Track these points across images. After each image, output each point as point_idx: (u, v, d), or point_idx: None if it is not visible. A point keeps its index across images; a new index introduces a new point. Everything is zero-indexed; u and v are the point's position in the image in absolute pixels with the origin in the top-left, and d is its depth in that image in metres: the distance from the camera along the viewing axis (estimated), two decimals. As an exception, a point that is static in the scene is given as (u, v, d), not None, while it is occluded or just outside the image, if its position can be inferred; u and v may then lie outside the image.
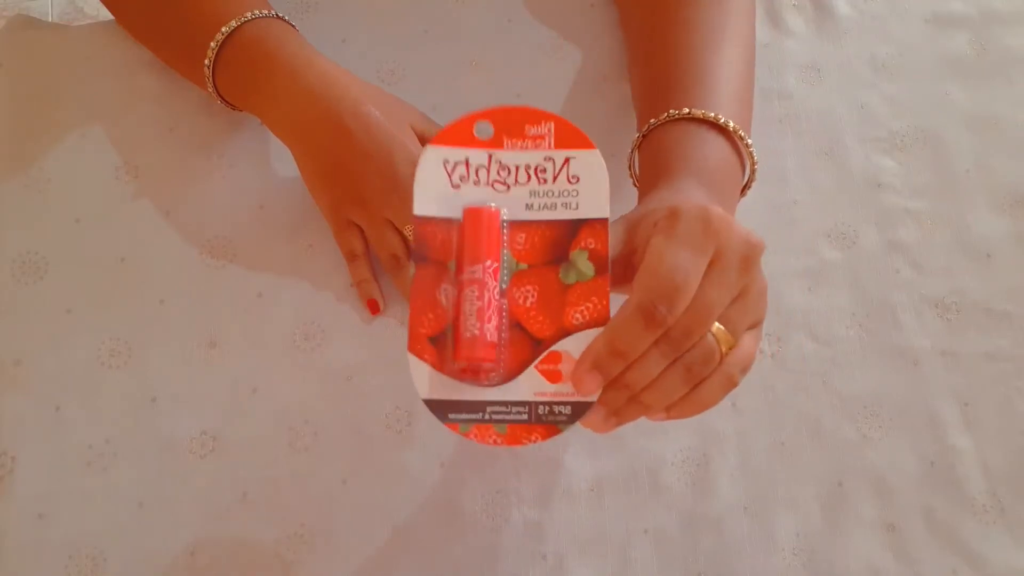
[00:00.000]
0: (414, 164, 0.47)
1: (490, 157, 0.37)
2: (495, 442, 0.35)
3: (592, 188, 0.37)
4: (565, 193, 0.37)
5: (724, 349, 0.35)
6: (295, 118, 0.48)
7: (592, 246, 0.36)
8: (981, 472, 0.49)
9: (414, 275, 0.35)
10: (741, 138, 0.44)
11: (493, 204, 0.37)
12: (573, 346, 0.36)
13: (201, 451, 0.47)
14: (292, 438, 0.47)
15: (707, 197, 0.41)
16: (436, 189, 0.36)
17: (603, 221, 0.36)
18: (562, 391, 0.35)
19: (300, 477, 0.46)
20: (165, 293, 0.50)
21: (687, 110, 0.44)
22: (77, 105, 0.54)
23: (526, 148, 0.37)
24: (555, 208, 0.37)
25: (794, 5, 0.61)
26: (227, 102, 0.50)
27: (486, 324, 0.35)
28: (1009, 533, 0.48)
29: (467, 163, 0.37)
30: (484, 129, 0.37)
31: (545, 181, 0.37)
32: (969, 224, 0.55)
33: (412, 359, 0.35)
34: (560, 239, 0.37)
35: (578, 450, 0.48)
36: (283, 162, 0.53)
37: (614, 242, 0.37)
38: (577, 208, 0.37)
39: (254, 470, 0.46)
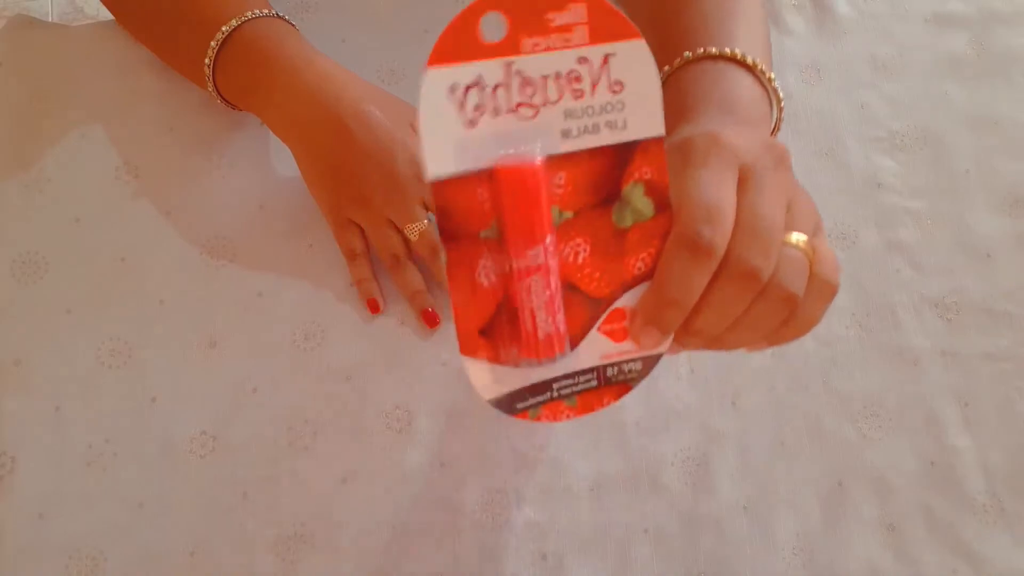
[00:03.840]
0: (414, 164, 0.47)
1: (508, 68, 0.29)
2: (567, 416, 0.32)
3: (641, 97, 0.30)
4: (609, 108, 0.30)
5: (811, 255, 0.31)
6: (295, 117, 0.48)
7: (648, 176, 0.30)
8: (981, 472, 0.49)
9: (446, 260, 0.30)
10: (763, 73, 0.40)
11: (529, 151, 0.29)
12: (638, 299, 0.31)
13: (201, 451, 0.47)
14: (292, 438, 0.47)
15: (736, 128, 0.35)
16: (448, 133, 0.29)
17: (658, 141, 0.30)
18: (630, 347, 0.32)
19: (300, 477, 0.46)
20: (165, 293, 0.50)
21: (701, 50, 0.40)
22: (77, 105, 0.54)
23: (553, 47, 0.29)
24: (598, 131, 0.30)
25: (794, 5, 0.61)
26: (227, 102, 0.51)
27: (558, 315, 0.30)
28: (1009, 533, 0.48)
29: (479, 83, 0.29)
30: (494, 26, 0.29)
31: (582, 94, 0.29)
32: (969, 224, 0.55)
33: (466, 360, 0.30)
34: (608, 172, 0.30)
35: (578, 450, 0.48)
36: (283, 162, 0.53)
37: None
38: (625, 127, 0.30)
39: (254, 470, 0.46)
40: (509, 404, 0.31)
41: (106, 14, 0.55)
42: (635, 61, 0.29)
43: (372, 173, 0.47)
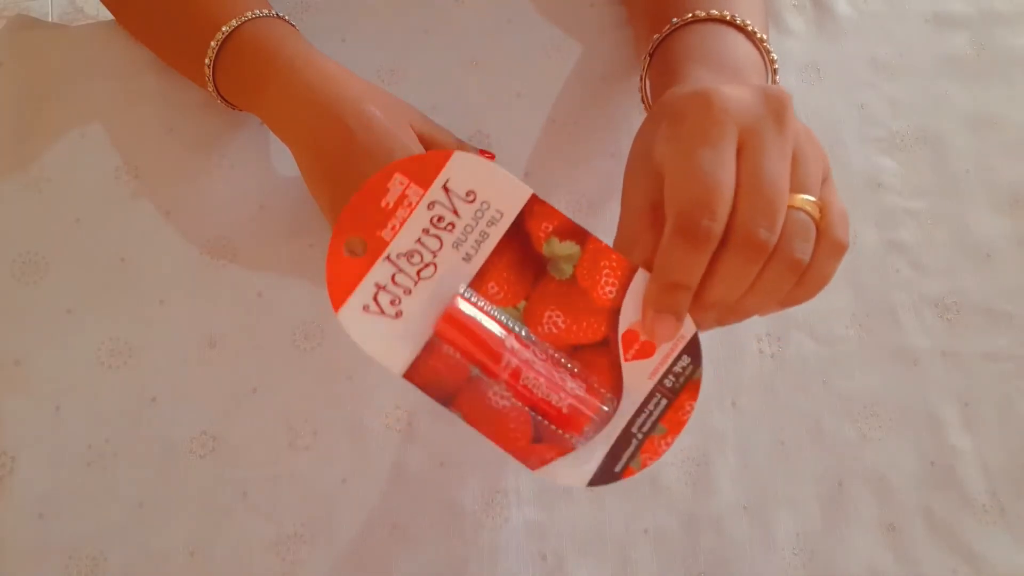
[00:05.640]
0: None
1: (389, 259, 0.32)
2: (667, 444, 0.32)
3: (494, 185, 0.32)
4: (479, 213, 0.32)
5: (817, 216, 0.30)
6: (295, 117, 0.48)
7: (550, 228, 0.32)
8: (981, 472, 0.49)
9: (463, 416, 0.32)
10: (753, 32, 0.39)
11: (451, 295, 0.32)
12: (634, 314, 0.32)
13: (201, 451, 0.47)
14: (292, 438, 0.47)
15: (729, 85, 0.34)
16: (388, 335, 0.32)
17: (532, 199, 0.32)
18: (665, 350, 0.33)
19: (300, 477, 0.46)
20: (165, 293, 0.50)
21: (690, 15, 0.39)
22: (77, 105, 0.54)
23: (405, 218, 0.32)
24: (487, 235, 0.32)
25: (794, 5, 0.61)
26: (227, 102, 0.50)
27: (567, 385, 0.32)
28: (1009, 533, 0.48)
29: (379, 286, 0.32)
30: (354, 246, 0.32)
31: (453, 224, 0.32)
32: (969, 224, 0.55)
33: (542, 474, 0.32)
34: (522, 253, 0.32)
35: (578, 450, 0.48)
36: (283, 162, 0.53)
37: (642, 188, 0.33)
38: (502, 215, 0.32)
39: (254, 470, 0.46)
40: (608, 474, 0.32)
41: (106, 14, 0.55)
42: (463, 170, 0.32)
43: (372, 172, 0.47)
